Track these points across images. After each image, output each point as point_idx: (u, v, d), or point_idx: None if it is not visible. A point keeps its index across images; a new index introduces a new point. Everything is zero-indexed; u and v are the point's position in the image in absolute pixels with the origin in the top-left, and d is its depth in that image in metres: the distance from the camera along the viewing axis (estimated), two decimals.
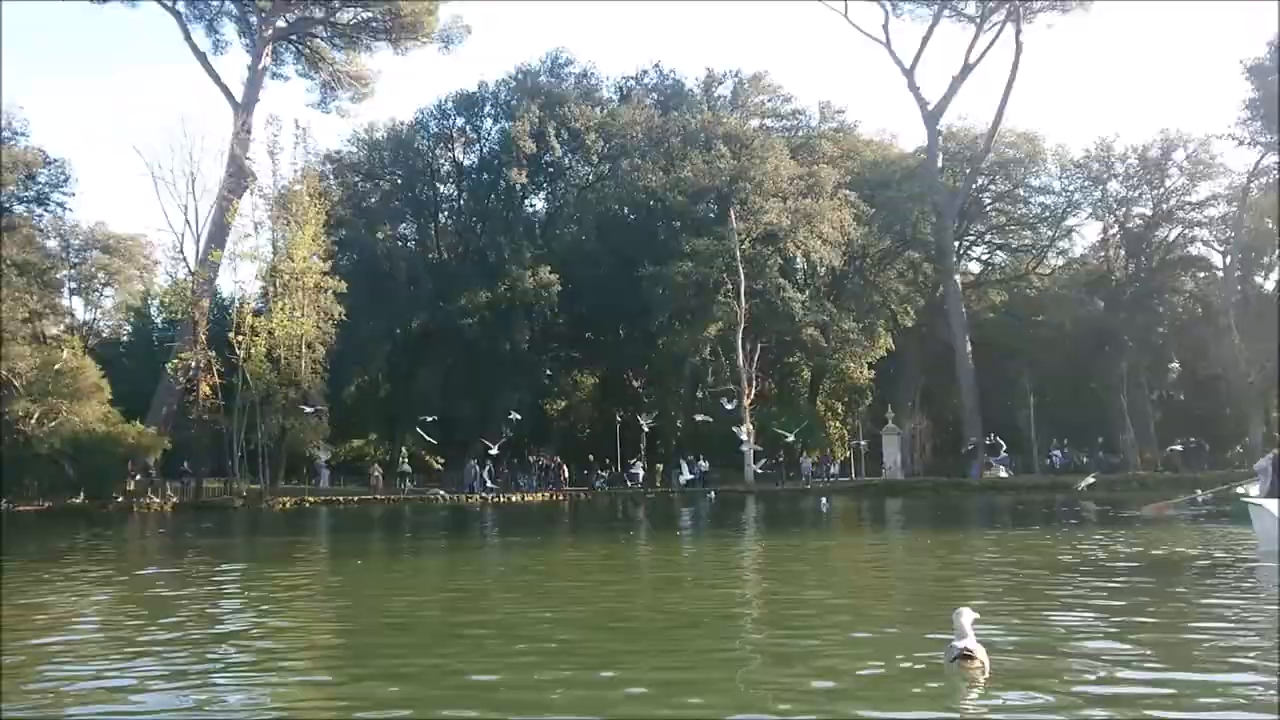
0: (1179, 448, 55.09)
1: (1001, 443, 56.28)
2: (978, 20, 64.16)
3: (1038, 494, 45.52)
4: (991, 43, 63.98)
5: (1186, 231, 65.07)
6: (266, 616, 13.58)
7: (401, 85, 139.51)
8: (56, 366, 46.20)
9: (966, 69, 64.33)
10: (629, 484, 57.26)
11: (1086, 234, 71.99)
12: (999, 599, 13.26)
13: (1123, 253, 67.04)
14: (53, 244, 61.68)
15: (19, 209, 53.07)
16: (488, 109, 68.72)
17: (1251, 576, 15.13)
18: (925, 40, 65.41)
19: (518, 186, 65.33)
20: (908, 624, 11.26)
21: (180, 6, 62.67)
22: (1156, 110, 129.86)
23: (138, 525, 37.27)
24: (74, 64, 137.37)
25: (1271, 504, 17.69)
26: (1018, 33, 63.07)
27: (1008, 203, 72.40)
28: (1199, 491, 29.83)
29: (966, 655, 8.39)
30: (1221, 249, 63.89)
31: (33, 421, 44.37)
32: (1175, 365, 61.45)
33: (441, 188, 70.55)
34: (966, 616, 8.64)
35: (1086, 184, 66.12)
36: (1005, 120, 66.09)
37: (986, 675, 8.30)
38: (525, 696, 8.28)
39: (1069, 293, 66.94)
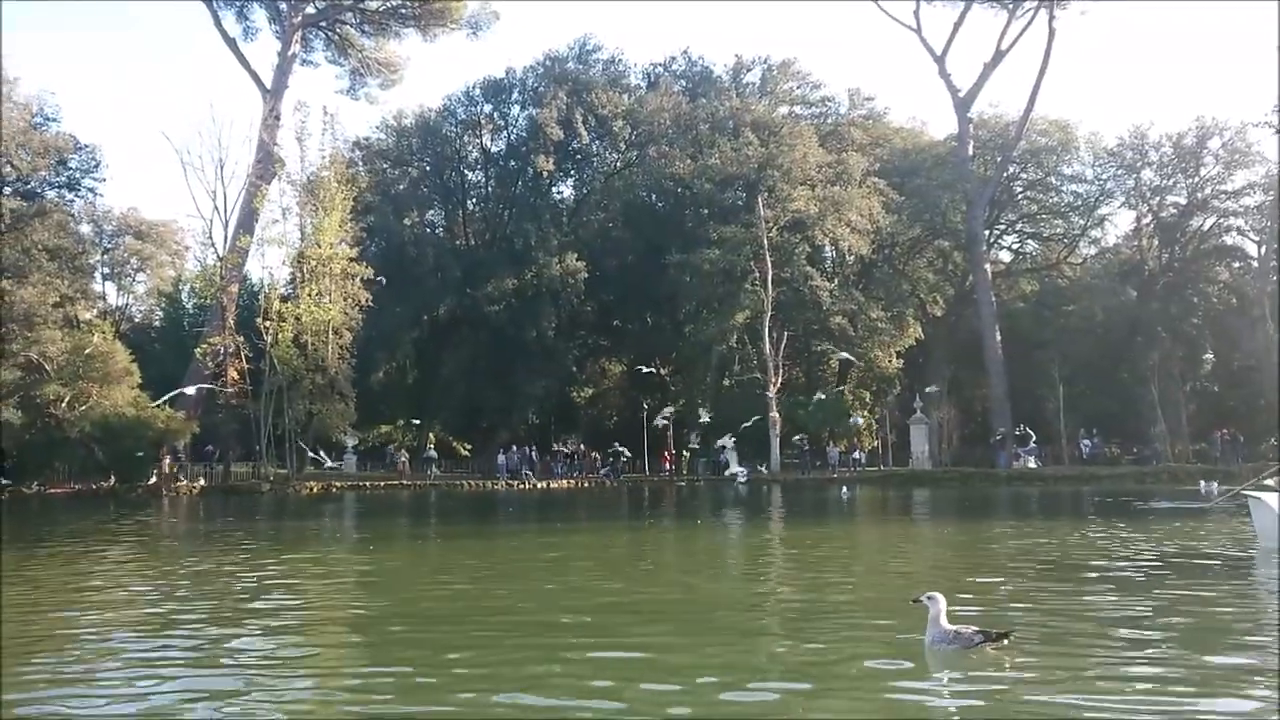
0: (1228, 434, 54.59)
1: (1031, 433, 55.81)
2: (1010, 6, 63.41)
3: (1065, 485, 45.16)
4: (1024, 29, 63.34)
5: (1221, 221, 64.20)
6: (286, 596, 13.68)
7: (430, 72, 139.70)
8: (87, 351, 46.55)
9: (998, 56, 63.68)
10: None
11: (1119, 223, 71.32)
12: (999, 588, 13.32)
13: (1156, 242, 66.21)
14: (86, 229, 62.18)
15: (50, 194, 53.46)
16: (515, 96, 68.67)
17: (1249, 571, 14.99)
18: (957, 27, 64.83)
19: (545, 173, 65.21)
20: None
21: None
22: (1192, 97, 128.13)
23: (167, 508, 37.63)
24: (106, 49, 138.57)
25: (1270, 498, 17.40)
26: (1051, 19, 62.39)
27: (1039, 191, 71.59)
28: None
29: (995, 636, 8.65)
30: (1257, 239, 62.99)
31: (64, 405, 44.82)
32: (1209, 356, 60.71)
33: (469, 174, 70.59)
34: (942, 602, 8.83)
35: (1120, 172, 65.37)
36: (1037, 108, 65.56)
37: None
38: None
39: (1101, 282, 66.21)
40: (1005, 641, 8.68)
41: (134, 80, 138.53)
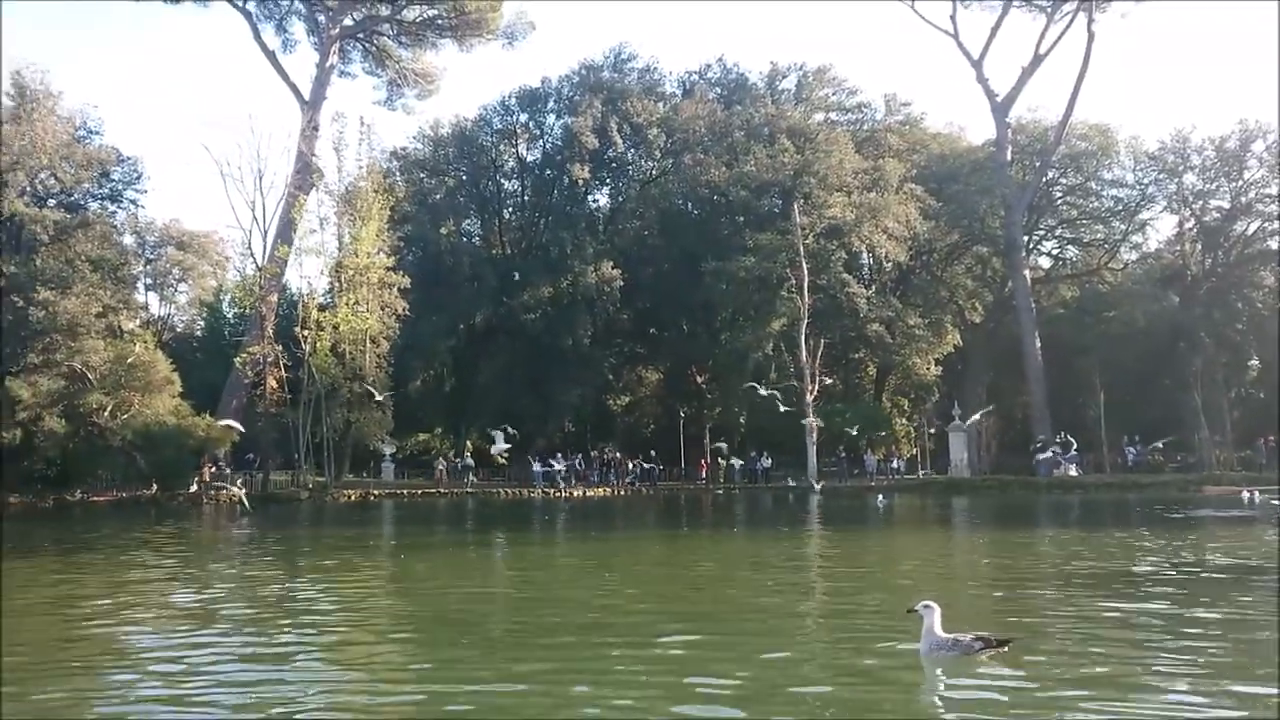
0: (1273, 441, 53.61)
1: (1072, 441, 55.15)
2: (1049, 9, 62.88)
3: (1106, 492, 44.65)
4: (1063, 33, 62.77)
5: (1266, 225, 63.09)
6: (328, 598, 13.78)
7: (466, 82, 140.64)
8: (129, 360, 47.11)
9: (1037, 60, 63.13)
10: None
11: (1161, 228, 70.48)
12: (1019, 596, 13.33)
13: (1199, 247, 65.22)
14: (128, 240, 62.91)
15: (93, 206, 54.23)
16: (551, 104, 68.96)
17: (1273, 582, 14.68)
18: (994, 31, 64.33)
19: (580, 182, 65.45)
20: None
21: (251, 6, 63.86)
22: (1234, 100, 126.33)
23: (209, 516, 38.04)
24: (147, 63, 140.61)
25: None
26: (1090, 22, 61.76)
27: (1079, 196, 70.87)
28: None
29: (995, 643, 8.83)
30: None
31: (106, 414, 45.39)
32: (1254, 362, 59.74)
33: (505, 183, 70.93)
34: (937, 611, 9.01)
35: (1161, 176, 64.52)
36: (1077, 112, 64.81)
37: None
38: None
39: (1142, 288, 65.26)
40: (1005, 649, 8.80)
41: (175, 93, 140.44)
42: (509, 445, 52.07)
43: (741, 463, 57.37)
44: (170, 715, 7.88)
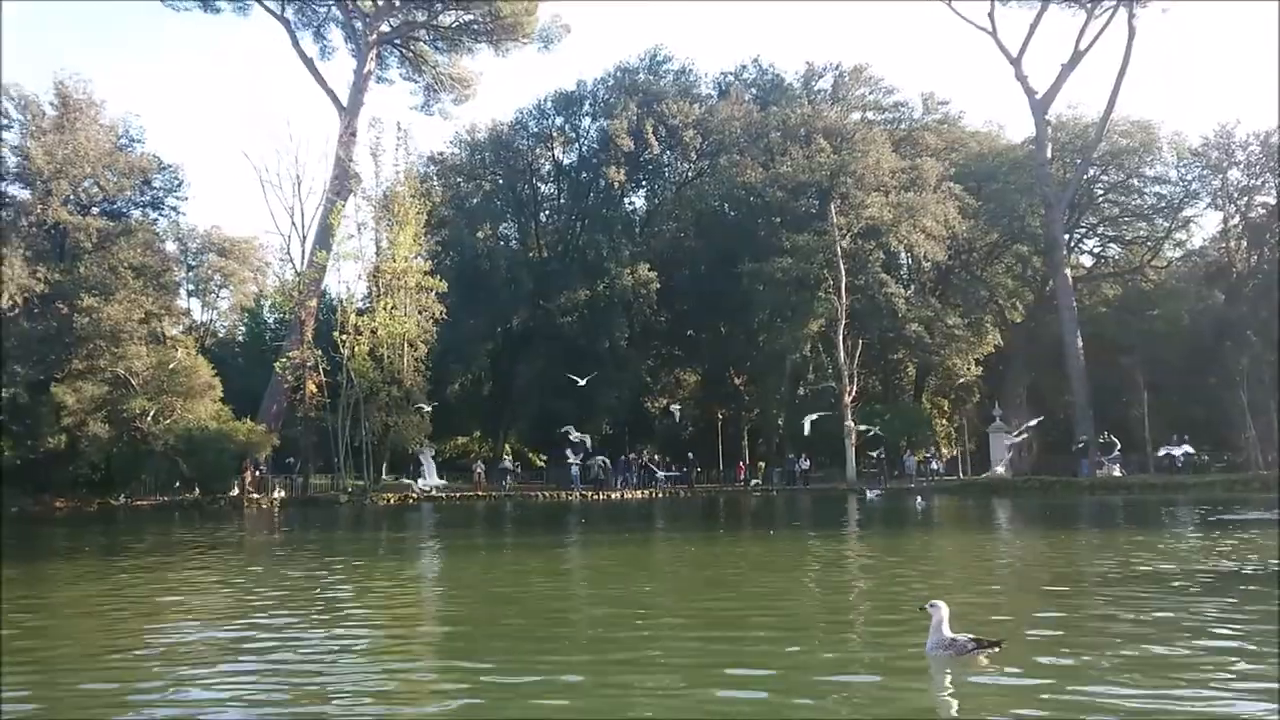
0: None
1: (1115, 441, 54.44)
2: (1088, 5, 62.04)
3: (1151, 493, 44.03)
4: (1103, 28, 61.65)
5: None
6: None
7: (502, 86, 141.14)
8: (171, 366, 47.74)
9: (1076, 56, 62.27)
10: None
11: (1205, 225, 69.30)
12: (1035, 599, 13.24)
13: (1244, 244, 64.21)
14: (171, 247, 63.65)
15: (135, 214, 54.83)
16: (586, 108, 69.12)
17: None
18: (1033, 27, 63.39)
19: (616, 184, 65.50)
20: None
21: (289, 14, 64.24)
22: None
23: (251, 520, 38.35)
24: (186, 71, 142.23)
25: None
26: (1131, 17, 60.77)
27: (1121, 194, 69.93)
28: None
29: (988, 644, 9.11)
30: None
31: (149, 419, 45.97)
32: None
33: (541, 187, 71.22)
34: (944, 610, 9.27)
35: (1205, 173, 63.59)
36: (1118, 108, 63.75)
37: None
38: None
39: (1187, 286, 64.32)
40: (996, 649, 9.10)
41: (214, 100, 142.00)
42: (815, 418, 52.30)
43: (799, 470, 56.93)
44: (203, 714, 7.97)
